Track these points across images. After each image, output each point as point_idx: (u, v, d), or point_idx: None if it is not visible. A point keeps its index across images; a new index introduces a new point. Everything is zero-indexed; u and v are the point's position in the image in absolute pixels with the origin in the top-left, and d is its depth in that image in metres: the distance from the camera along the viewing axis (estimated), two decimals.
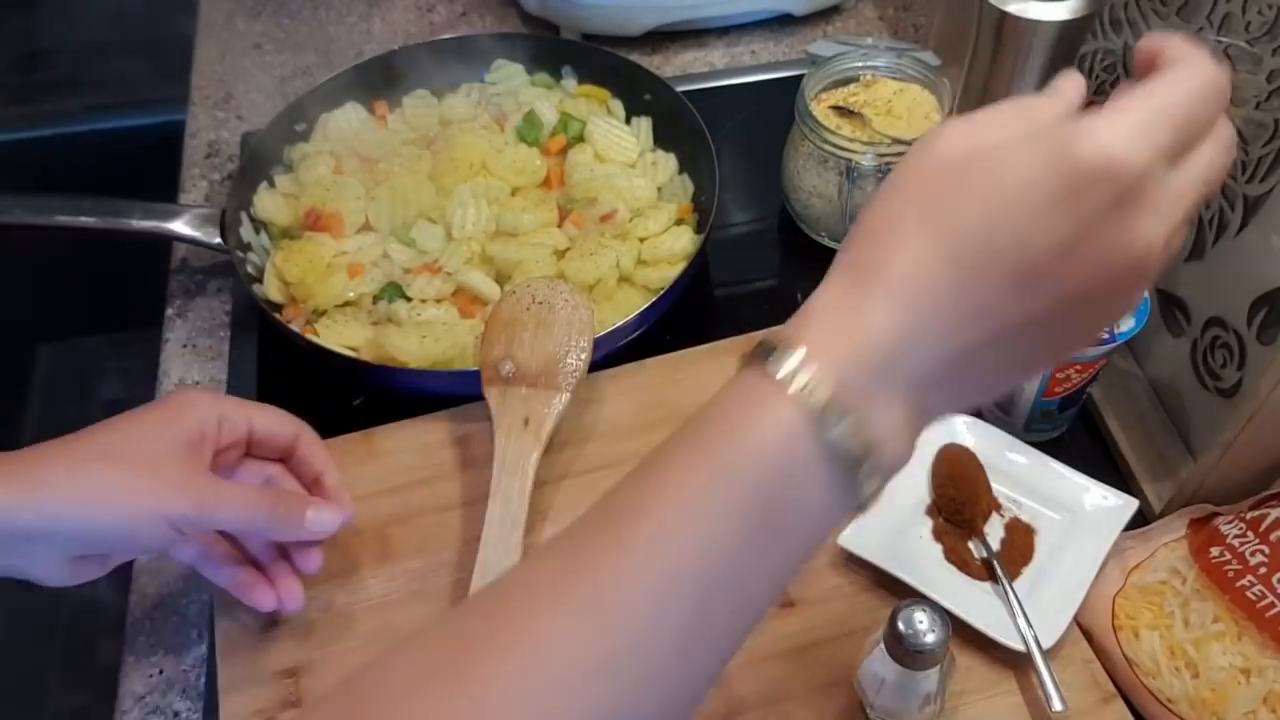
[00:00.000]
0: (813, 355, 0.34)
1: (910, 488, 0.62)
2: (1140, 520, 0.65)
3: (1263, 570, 0.55)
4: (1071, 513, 0.61)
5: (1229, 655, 0.54)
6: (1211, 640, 0.55)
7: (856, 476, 0.34)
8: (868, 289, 0.34)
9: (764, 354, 0.35)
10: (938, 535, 0.61)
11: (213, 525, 0.53)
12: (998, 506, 0.62)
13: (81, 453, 0.50)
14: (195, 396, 0.54)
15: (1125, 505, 0.61)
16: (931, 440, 0.61)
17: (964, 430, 0.64)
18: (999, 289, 0.33)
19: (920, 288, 0.33)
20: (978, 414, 0.69)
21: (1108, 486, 0.62)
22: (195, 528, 0.51)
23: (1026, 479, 0.63)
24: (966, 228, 0.33)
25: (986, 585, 0.59)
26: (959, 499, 0.60)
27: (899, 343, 0.33)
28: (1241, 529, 0.57)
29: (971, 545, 0.60)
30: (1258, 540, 0.56)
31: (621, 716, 0.32)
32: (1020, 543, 0.60)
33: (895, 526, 0.60)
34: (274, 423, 0.57)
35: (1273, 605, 0.54)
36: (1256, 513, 0.57)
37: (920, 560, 0.59)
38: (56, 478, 0.48)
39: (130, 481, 0.49)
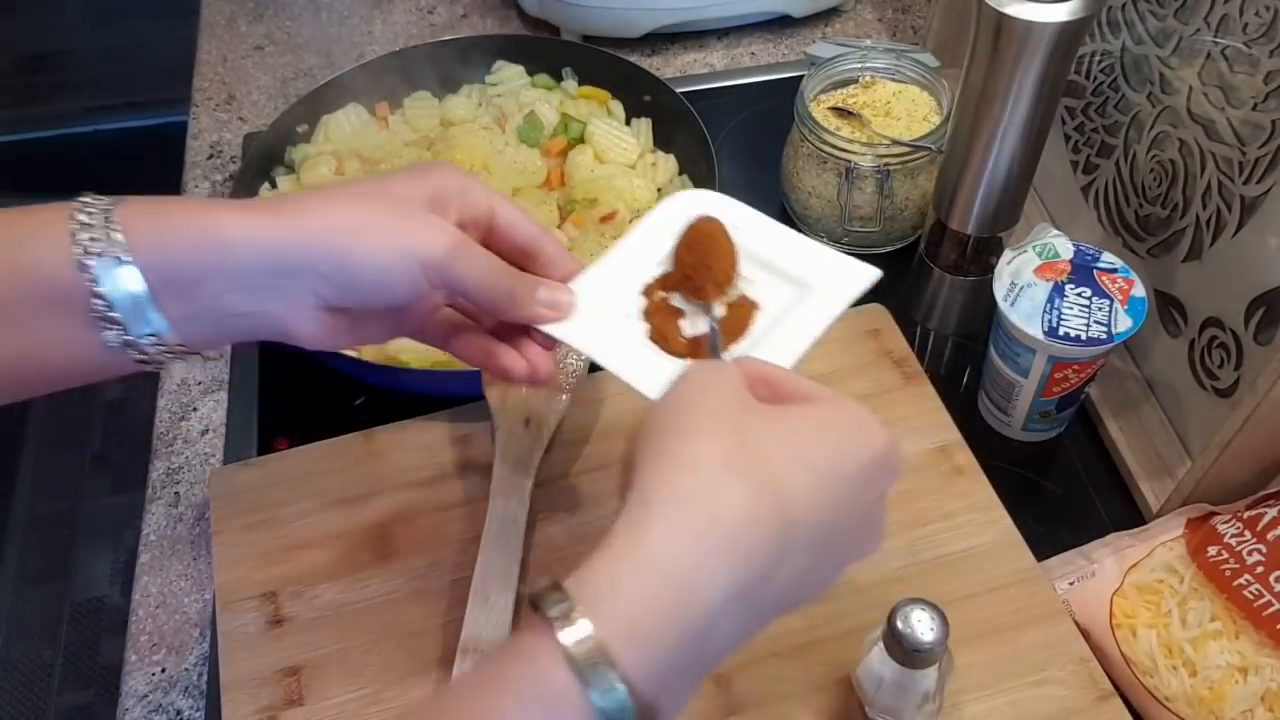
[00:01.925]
0: (624, 644, 0.33)
1: (631, 273, 0.54)
2: (1138, 519, 0.65)
3: (1260, 569, 0.55)
4: (804, 287, 0.53)
5: (1226, 654, 0.54)
6: (1209, 639, 0.55)
7: None
8: (706, 542, 0.34)
9: (563, 627, 0.33)
10: (647, 315, 0.53)
11: (459, 280, 0.47)
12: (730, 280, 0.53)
13: (340, 194, 0.48)
14: (441, 164, 0.51)
15: (861, 274, 0.53)
16: (679, 213, 0.55)
17: (716, 204, 0.56)
18: (811, 566, 0.36)
19: (751, 553, 0.35)
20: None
21: (855, 260, 0.54)
22: (443, 278, 0.47)
23: (769, 256, 0.55)
24: (813, 515, 0.36)
25: (684, 362, 0.50)
26: (690, 263, 0.53)
27: (715, 616, 0.34)
28: (1239, 528, 0.57)
29: (683, 323, 0.52)
30: (1255, 539, 0.56)
31: None
32: (738, 317, 0.53)
33: (605, 306, 0.52)
34: (516, 215, 0.51)
35: (1270, 604, 0.54)
36: (1254, 512, 0.57)
37: (619, 337, 0.51)
38: (316, 209, 0.46)
39: (386, 219, 0.46)
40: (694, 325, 0.52)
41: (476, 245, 0.48)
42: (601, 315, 0.51)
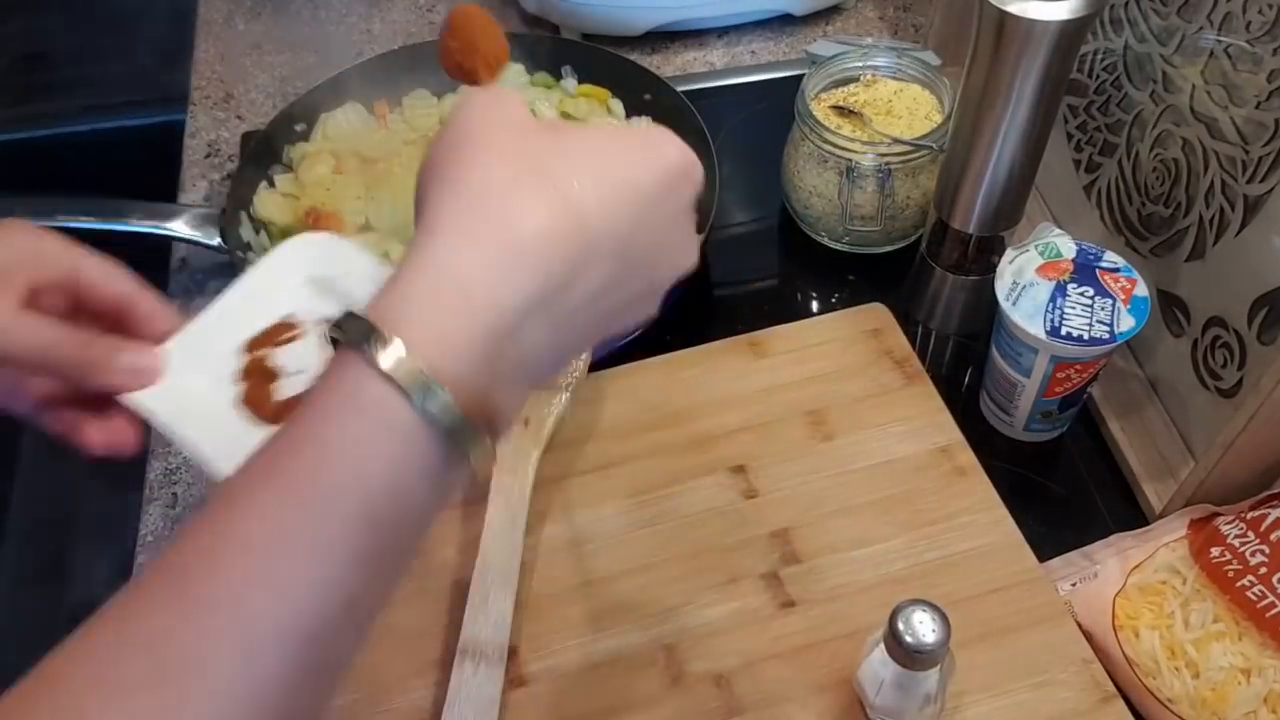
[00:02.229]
0: (429, 341, 0.32)
1: (232, 328, 0.50)
2: (1140, 520, 0.65)
3: (1263, 570, 0.55)
4: None
5: (1229, 655, 0.54)
6: (1212, 640, 0.55)
7: (470, 463, 0.34)
8: (493, 250, 0.34)
9: (367, 343, 0.32)
10: (243, 375, 0.49)
11: (12, 356, 0.45)
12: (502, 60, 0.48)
13: None
14: (12, 223, 0.47)
15: None
16: (289, 263, 0.51)
17: (327, 249, 0.52)
18: (615, 274, 0.36)
19: (548, 263, 0.34)
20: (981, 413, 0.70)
21: None
22: None
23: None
24: (611, 224, 0.36)
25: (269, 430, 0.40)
26: (456, 49, 0.48)
27: (520, 319, 0.34)
28: (1242, 529, 0.57)
29: (279, 385, 0.48)
30: (1258, 540, 0.56)
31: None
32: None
33: (198, 368, 0.48)
34: (103, 272, 0.48)
35: (1273, 605, 0.54)
36: (1257, 513, 0.57)
37: (202, 405, 0.47)
38: None
39: None
40: (291, 386, 0.48)
41: (33, 315, 0.45)
42: (191, 379, 0.47)
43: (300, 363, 0.49)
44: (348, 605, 0.32)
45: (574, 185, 0.35)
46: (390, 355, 0.32)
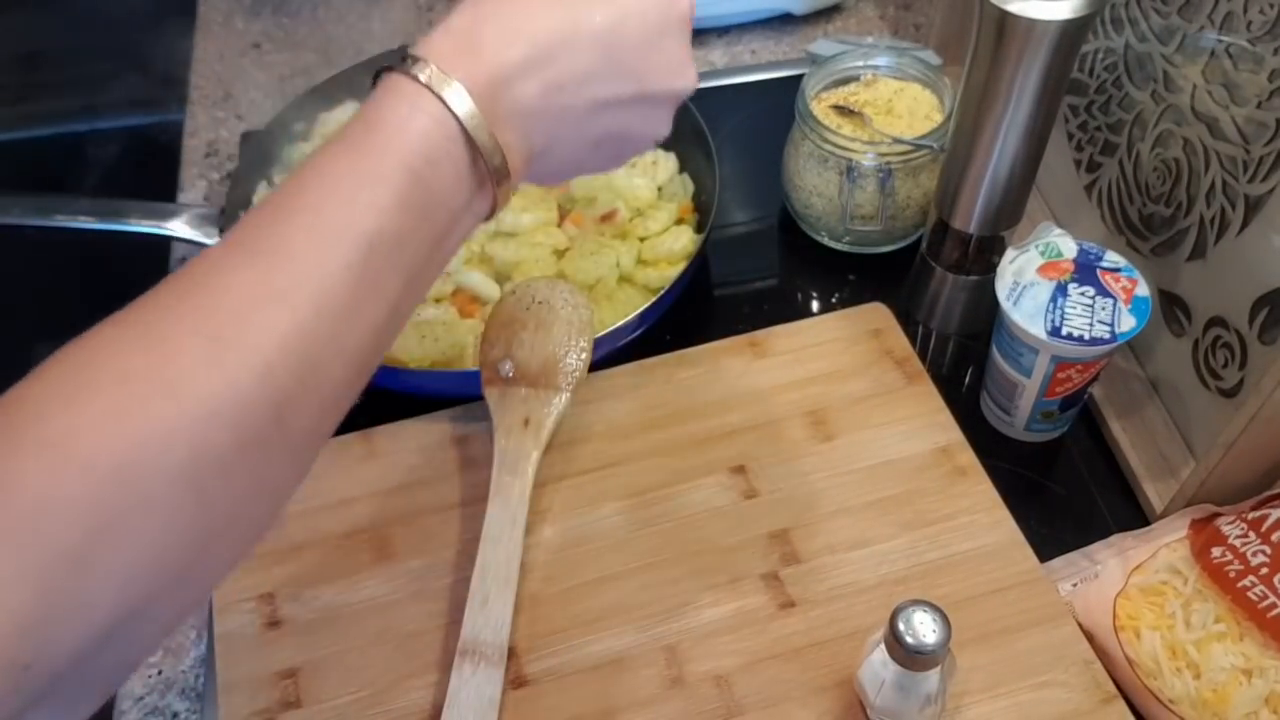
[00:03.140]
0: (448, 66, 0.40)
1: None
2: (1141, 520, 0.65)
3: (1264, 571, 0.55)
4: None
5: (1230, 656, 0.54)
6: (1213, 641, 0.55)
7: (489, 174, 0.41)
8: (495, 23, 0.42)
9: (408, 64, 0.40)
10: None
11: None
12: None
13: None
14: None
15: None
16: None
17: None
18: (601, 67, 0.44)
19: (536, 39, 0.42)
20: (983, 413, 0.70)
21: None
22: None
23: None
24: (593, 19, 0.43)
25: None
26: None
27: (515, 73, 0.42)
28: (1243, 529, 0.57)
29: None
30: (1259, 540, 0.56)
31: (301, 338, 0.36)
32: None
33: None
34: None
35: (1274, 606, 0.54)
36: (1258, 513, 0.57)
37: None
38: None
39: None
40: None
41: None
42: None
43: None
44: (397, 240, 0.39)
45: (584, 6, 0.43)
46: (423, 70, 0.40)
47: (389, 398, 0.69)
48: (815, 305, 0.78)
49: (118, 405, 0.32)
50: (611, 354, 0.70)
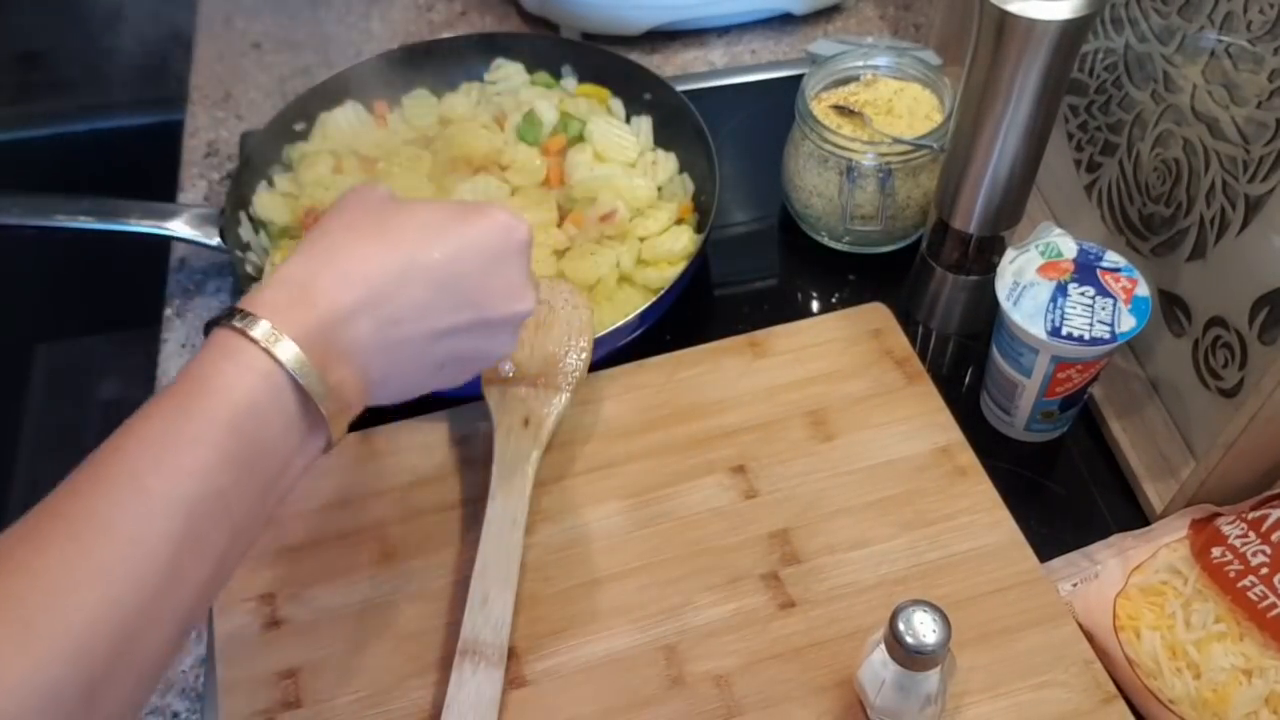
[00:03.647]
0: (280, 319, 0.42)
1: None
2: (1141, 520, 0.65)
3: (1264, 571, 0.55)
4: None
5: (1230, 656, 0.54)
6: (1213, 641, 0.55)
7: (322, 415, 0.43)
8: (329, 270, 0.45)
9: (237, 319, 0.42)
10: None
11: None
12: None
13: None
14: None
15: None
16: None
17: None
18: (437, 299, 0.46)
19: (370, 281, 0.45)
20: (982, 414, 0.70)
21: None
22: None
23: None
24: (429, 255, 0.46)
25: None
26: None
27: (348, 315, 0.44)
28: (1243, 529, 0.57)
29: None
30: (1259, 540, 0.56)
31: (116, 614, 0.37)
32: None
33: None
34: None
35: (1274, 606, 0.54)
36: (1258, 513, 0.57)
37: None
38: None
39: None
40: None
41: None
42: None
43: None
44: (221, 498, 0.40)
45: (402, 230, 0.47)
46: (253, 326, 0.42)
47: None
48: (815, 305, 0.78)
49: None
50: (611, 354, 0.70)
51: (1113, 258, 0.64)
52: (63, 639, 0.35)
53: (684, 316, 0.73)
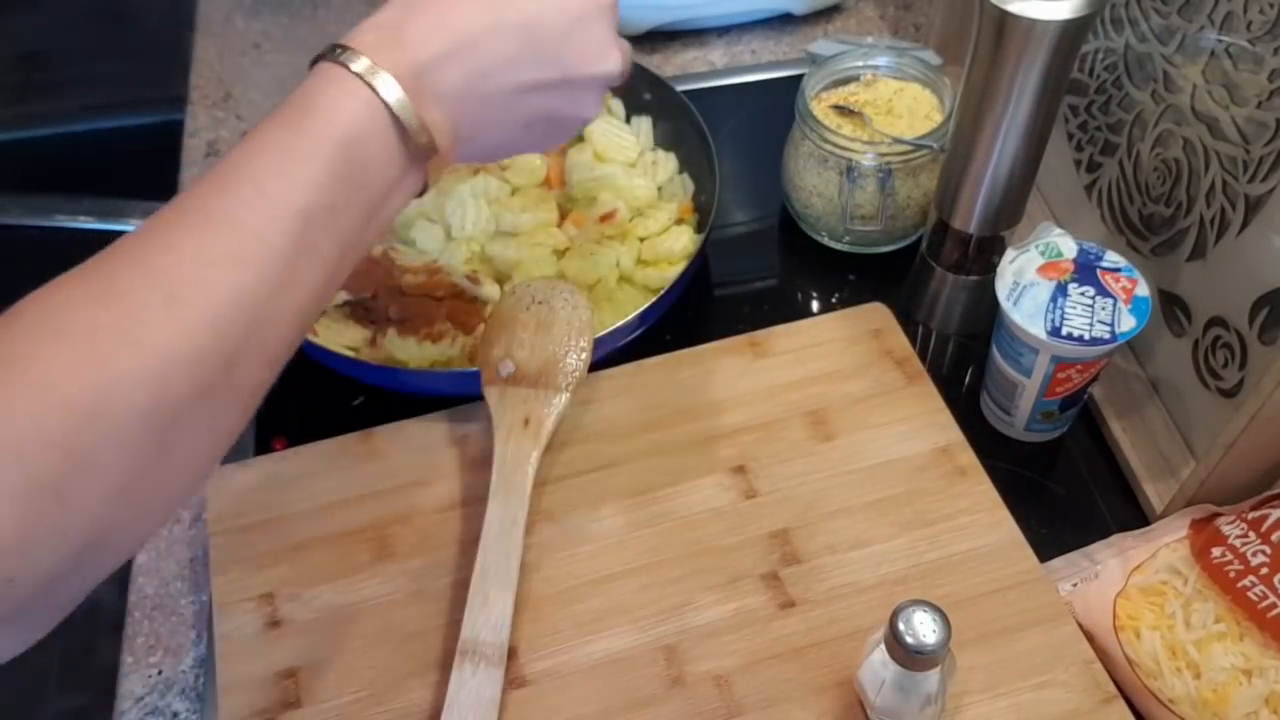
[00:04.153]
0: (377, 60, 0.44)
1: None
2: (1141, 520, 0.65)
3: (1264, 571, 0.55)
4: None
5: (1230, 656, 0.54)
6: (1213, 641, 0.55)
7: (418, 150, 0.45)
8: (419, 17, 0.46)
9: (338, 54, 0.44)
10: None
11: None
12: None
13: None
14: None
15: None
16: None
17: None
18: (523, 54, 0.47)
19: (457, 30, 0.46)
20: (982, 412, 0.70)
21: None
22: None
23: None
24: (517, 9, 0.47)
25: None
26: None
27: (438, 61, 0.45)
28: (1243, 529, 0.57)
29: None
30: (1259, 540, 0.56)
31: (248, 298, 0.40)
32: None
33: None
34: None
35: (1274, 606, 0.54)
36: (1258, 513, 0.57)
37: None
38: None
39: None
40: None
41: None
42: None
43: None
44: (331, 212, 0.42)
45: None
46: (353, 60, 0.44)
47: (388, 398, 0.69)
48: (815, 305, 0.78)
49: (89, 354, 0.36)
50: (611, 354, 0.70)
51: (1113, 258, 0.64)
52: (205, 311, 0.38)
53: (684, 316, 0.73)
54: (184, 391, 0.38)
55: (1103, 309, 0.61)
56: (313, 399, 0.71)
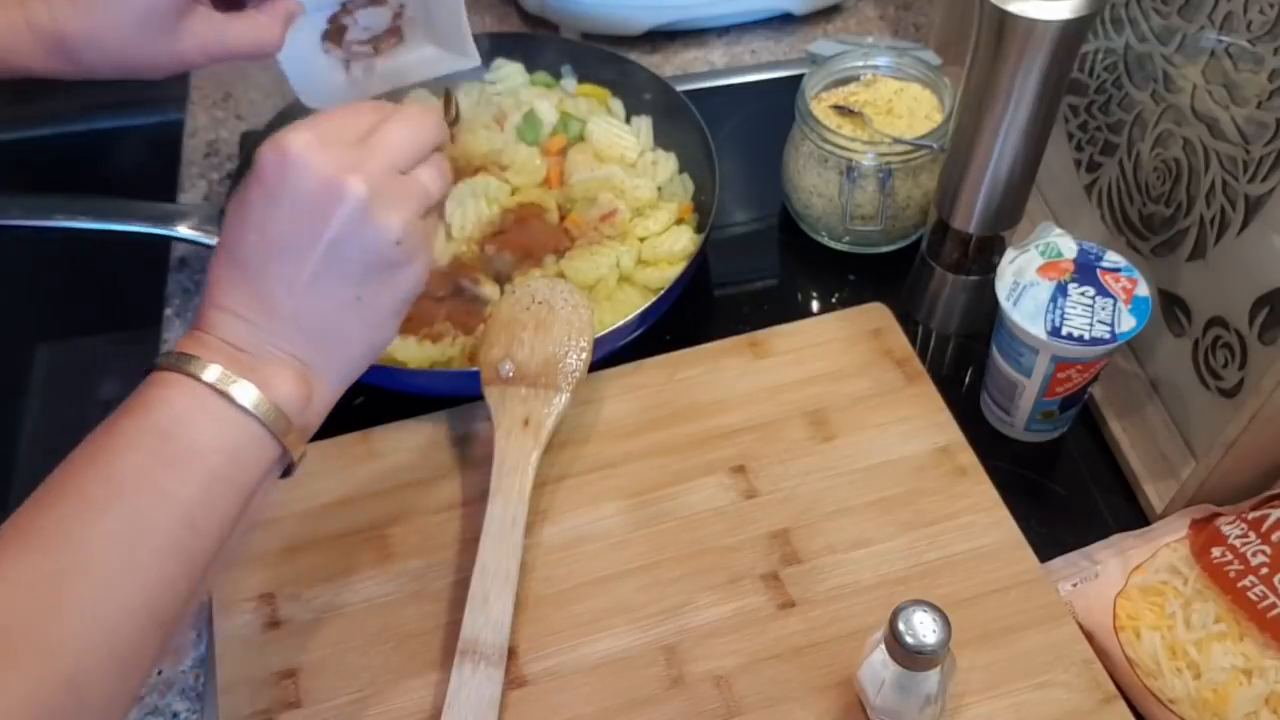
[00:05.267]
0: (213, 359, 0.45)
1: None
2: (1141, 520, 0.65)
3: (1264, 571, 0.55)
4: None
5: (1230, 656, 0.54)
6: (1213, 641, 0.55)
7: (277, 429, 0.45)
8: (231, 311, 0.46)
9: (180, 365, 0.45)
10: (328, 36, 0.63)
11: None
12: None
13: None
14: None
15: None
16: None
17: None
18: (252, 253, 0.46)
19: (255, 302, 0.46)
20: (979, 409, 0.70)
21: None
22: None
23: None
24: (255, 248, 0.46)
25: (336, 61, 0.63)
26: None
27: (261, 338, 0.46)
28: (1243, 529, 0.57)
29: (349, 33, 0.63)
30: (1259, 540, 0.56)
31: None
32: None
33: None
34: None
35: (1274, 606, 0.54)
36: (1258, 513, 0.57)
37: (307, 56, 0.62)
38: None
39: None
40: (359, 33, 0.63)
41: None
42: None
43: (372, 20, 0.64)
44: (191, 523, 0.43)
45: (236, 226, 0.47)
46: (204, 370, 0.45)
47: (389, 398, 0.69)
48: (815, 305, 0.78)
49: None
50: (611, 354, 0.70)
51: (1113, 258, 0.64)
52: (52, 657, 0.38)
53: (684, 316, 0.73)
54: None
55: (1103, 309, 0.61)
56: None
